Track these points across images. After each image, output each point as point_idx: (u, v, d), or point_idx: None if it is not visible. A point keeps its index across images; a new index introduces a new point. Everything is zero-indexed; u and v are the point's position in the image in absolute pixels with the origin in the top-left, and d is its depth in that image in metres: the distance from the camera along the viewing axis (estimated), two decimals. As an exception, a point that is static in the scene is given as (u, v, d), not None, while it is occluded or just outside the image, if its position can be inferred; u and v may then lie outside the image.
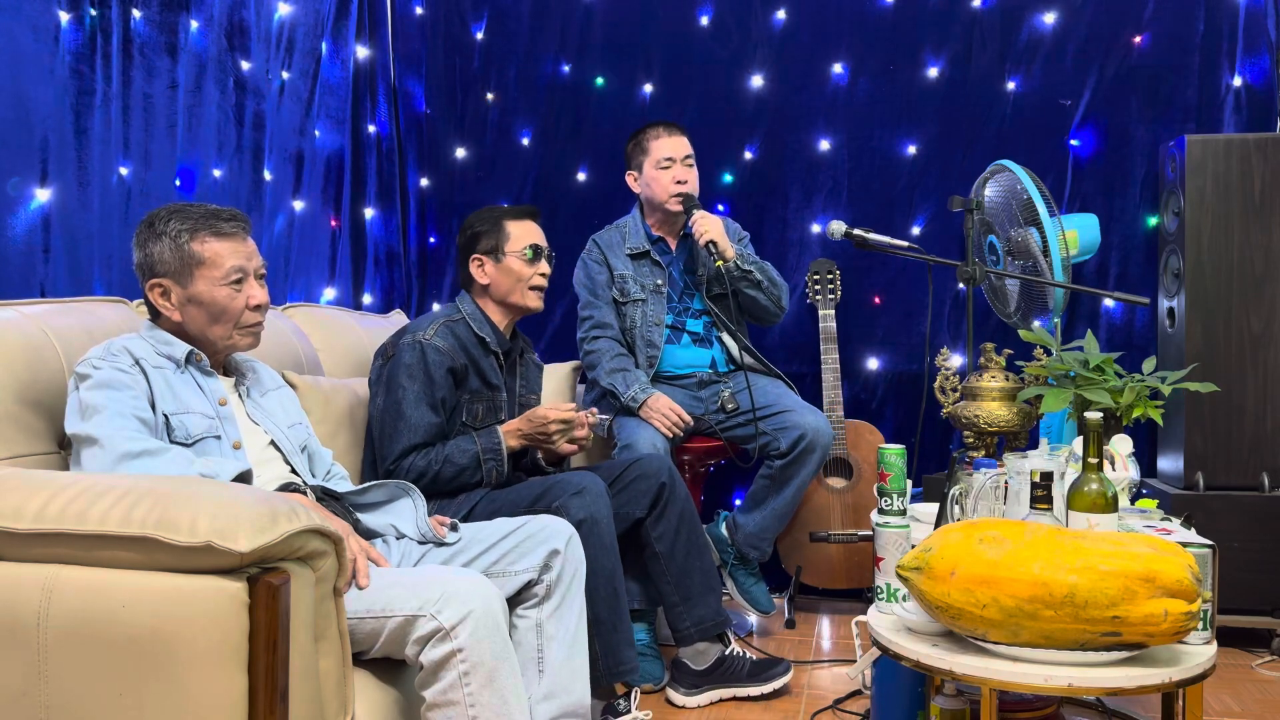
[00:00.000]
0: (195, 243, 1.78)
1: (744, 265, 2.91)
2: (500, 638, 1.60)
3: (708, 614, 2.46)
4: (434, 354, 2.27)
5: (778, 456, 2.84)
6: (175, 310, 1.80)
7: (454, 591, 1.58)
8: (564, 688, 1.91)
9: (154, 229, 1.79)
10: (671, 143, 2.96)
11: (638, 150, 3.01)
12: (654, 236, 3.04)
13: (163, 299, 1.80)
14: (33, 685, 1.28)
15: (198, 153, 2.83)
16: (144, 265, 1.80)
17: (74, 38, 2.44)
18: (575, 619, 1.96)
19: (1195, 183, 2.93)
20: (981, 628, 1.56)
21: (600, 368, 2.89)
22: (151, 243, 1.79)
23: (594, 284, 3.00)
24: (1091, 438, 1.77)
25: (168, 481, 1.37)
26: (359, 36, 3.59)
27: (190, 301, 1.79)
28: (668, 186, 2.95)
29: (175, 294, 1.80)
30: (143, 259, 1.80)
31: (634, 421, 2.79)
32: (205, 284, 1.79)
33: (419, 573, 1.68)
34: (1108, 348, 3.33)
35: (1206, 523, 2.81)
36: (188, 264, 1.78)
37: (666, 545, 2.43)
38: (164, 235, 1.78)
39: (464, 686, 1.56)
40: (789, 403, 2.88)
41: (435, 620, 1.55)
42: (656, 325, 2.97)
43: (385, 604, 1.60)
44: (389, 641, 1.60)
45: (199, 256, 1.78)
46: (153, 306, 1.83)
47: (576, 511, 2.12)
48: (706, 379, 3.01)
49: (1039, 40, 3.40)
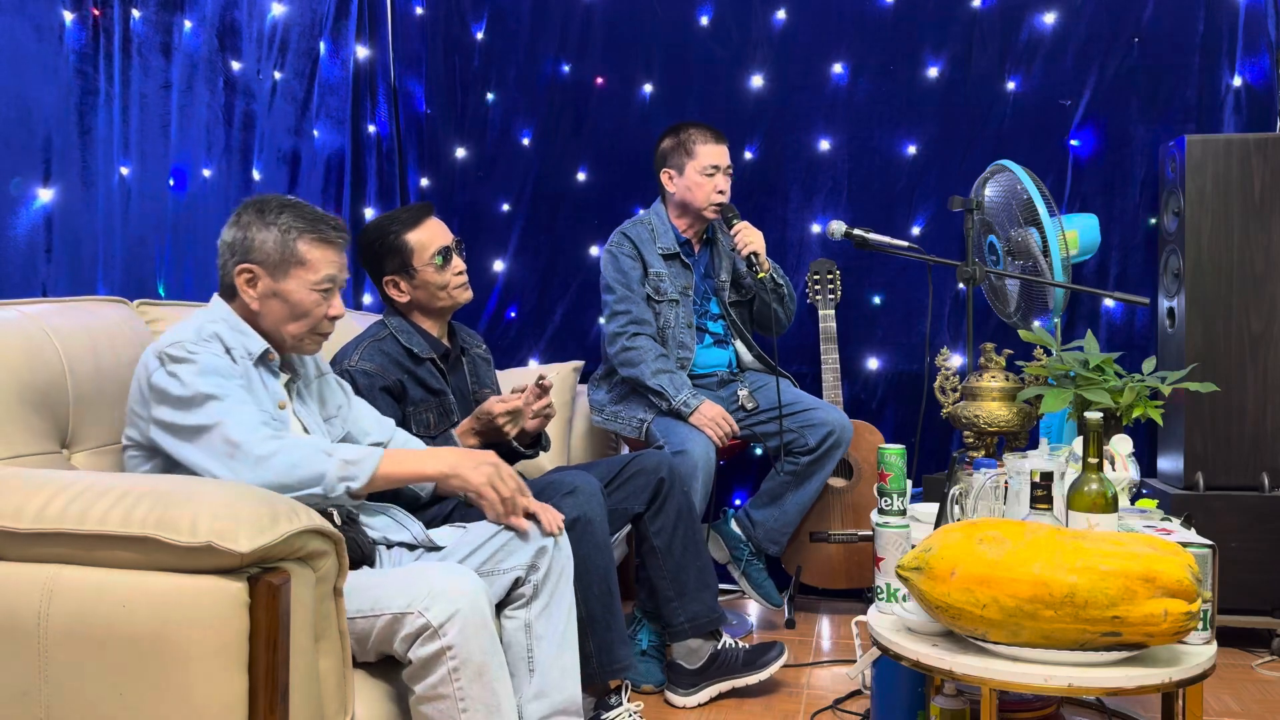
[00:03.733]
0: (301, 242, 1.80)
1: (778, 278, 3.01)
2: (488, 633, 1.61)
3: (702, 610, 2.46)
4: (364, 378, 2.24)
5: (804, 453, 2.92)
6: (256, 299, 1.81)
7: (441, 589, 1.59)
8: (555, 686, 1.90)
9: (264, 217, 1.80)
10: (718, 151, 2.97)
11: (680, 150, 2.99)
12: (682, 238, 3.04)
13: (248, 285, 1.80)
14: (33, 685, 1.28)
15: (188, 152, 2.83)
16: (239, 246, 1.80)
17: (77, 37, 2.44)
18: (565, 617, 1.96)
19: (1195, 183, 2.93)
20: (981, 628, 1.56)
21: (644, 366, 2.87)
22: (257, 228, 1.79)
23: (628, 278, 2.96)
24: (1091, 438, 1.77)
25: (168, 481, 1.37)
26: (359, 36, 3.59)
27: (275, 295, 1.80)
28: (710, 195, 2.96)
29: (262, 284, 1.80)
30: (240, 240, 1.80)
31: (685, 427, 2.81)
32: (297, 284, 1.80)
33: (406, 570, 1.69)
34: (1108, 348, 3.33)
35: (1206, 523, 2.81)
36: (287, 260, 1.79)
37: (664, 541, 2.43)
38: (273, 226, 1.79)
39: (454, 681, 1.57)
40: (810, 400, 2.97)
41: (423, 617, 1.56)
42: (688, 327, 3.00)
43: (374, 603, 1.60)
44: (380, 640, 1.61)
45: (301, 257, 1.80)
46: (229, 286, 1.83)
47: (569, 511, 2.11)
48: (726, 378, 3.08)
49: (1039, 40, 3.40)
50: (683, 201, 3.01)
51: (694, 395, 2.84)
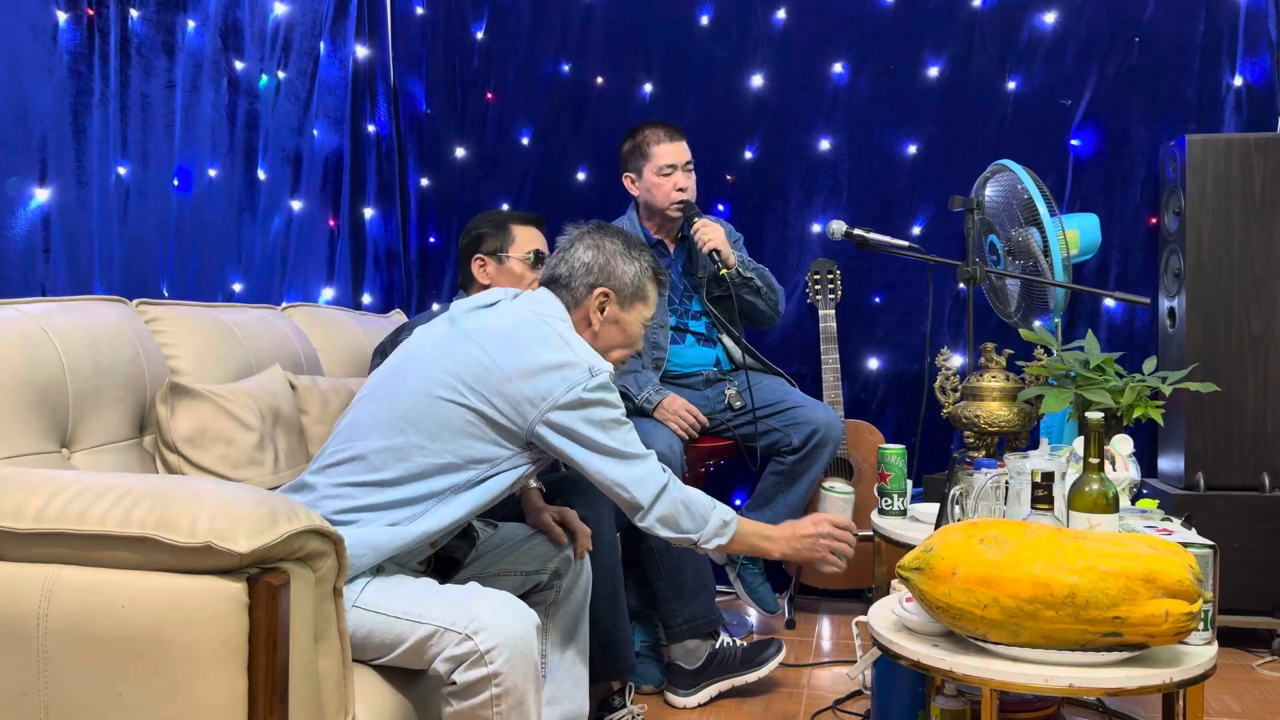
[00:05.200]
0: (650, 283, 1.95)
1: (745, 273, 2.91)
2: (532, 664, 1.59)
3: (699, 611, 2.46)
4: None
5: (790, 452, 2.85)
6: (600, 321, 1.90)
7: (491, 615, 1.57)
8: (566, 695, 1.94)
9: (630, 252, 1.92)
10: (673, 149, 2.92)
11: (636, 154, 2.96)
12: (653, 239, 3.03)
13: (598, 309, 1.90)
14: (33, 685, 1.28)
15: (193, 152, 2.83)
16: (603, 271, 1.90)
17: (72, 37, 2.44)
18: (580, 626, 1.98)
19: (1196, 182, 2.93)
20: (982, 628, 1.56)
21: None
22: (623, 261, 1.91)
23: None
24: (1092, 438, 1.77)
25: (167, 481, 1.37)
26: (358, 36, 3.58)
27: (616, 323, 1.92)
28: (669, 194, 2.91)
29: (610, 310, 1.91)
30: (605, 265, 1.90)
31: (649, 423, 2.78)
32: (636, 317, 1.94)
33: (458, 589, 1.67)
34: (1108, 348, 3.33)
35: (1207, 523, 2.81)
36: (637, 295, 1.93)
37: (661, 542, 2.42)
38: (637, 261, 1.92)
39: (494, 707, 1.56)
40: (797, 399, 2.90)
41: (471, 641, 1.54)
42: (661, 327, 2.96)
43: (420, 611, 1.59)
44: (411, 651, 1.59)
45: (646, 295, 1.94)
46: (575, 299, 1.90)
47: (579, 510, 2.12)
48: (712, 377, 3.02)
49: (1039, 40, 3.40)
50: (646, 204, 2.98)
51: (657, 391, 2.80)
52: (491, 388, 1.70)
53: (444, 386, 1.71)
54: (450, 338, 1.77)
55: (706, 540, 1.82)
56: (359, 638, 1.60)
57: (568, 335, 1.78)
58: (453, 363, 1.72)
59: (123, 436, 1.86)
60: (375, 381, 1.81)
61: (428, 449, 1.69)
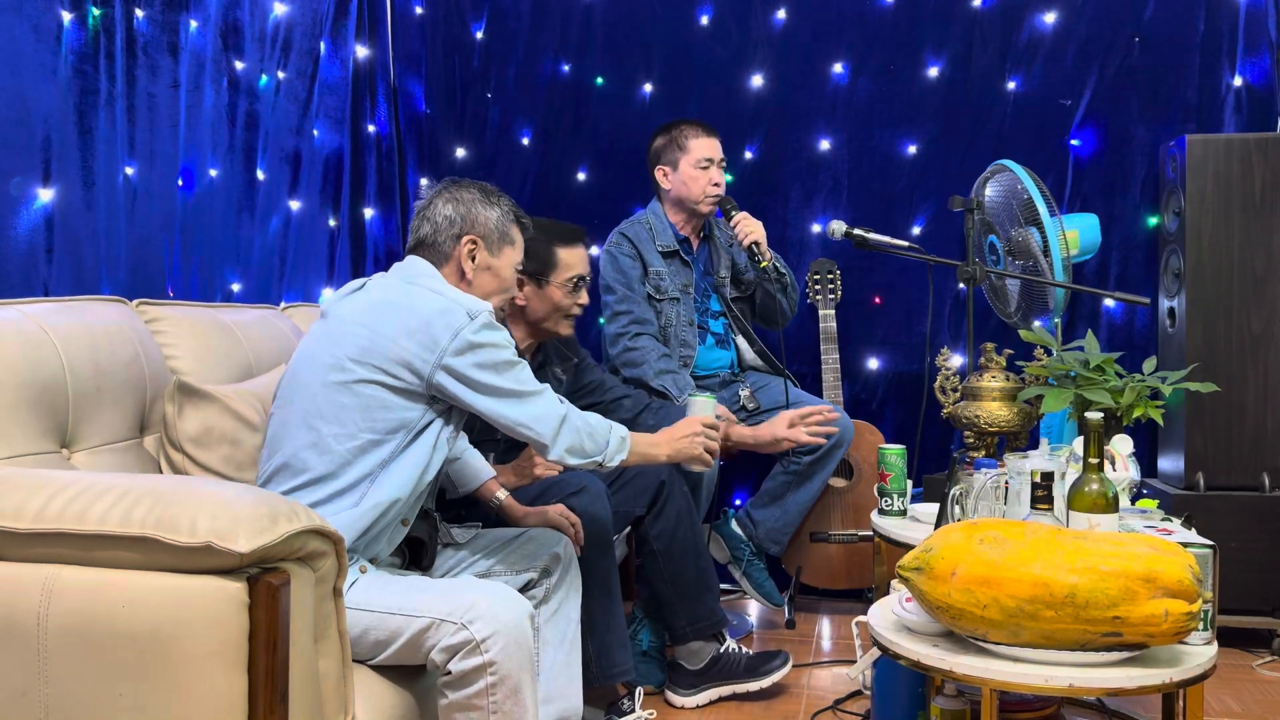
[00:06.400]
0: (513, 225, 1.99)
1: (780, 268, 2.99)
2: (527, 652, 1.61)
3: (703, 613, 2.46)
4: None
5: (806, 453, 2.91)
6: (472, 270, 1.93)
7: (486, 605, 1.59)
8: (560, 693, 1.94)
9: (489, 199, 1.95)
10: (711, 144, 2.98)
11: (673, 146, 3.00)
12: (680, 235, 3.04)
13: (469, 258, 1.93)
14: (33, 685, 1.28)
15: (196, 152, 2.83)
16: (465, 220, 1.92)
17: (76, 37, 2.44)
18: (572, 624, 1.98)
19: (1196, 183, 2.93)
20: (982, 628, 1.56)
21: (647, 366, 2.86)
22: (483, 207, 1.93)
23: (628, 278, 2.95)
24: (1092, 438, 1.77)
25: (167, 481, 1.37)
26: (358, 36, 3.58)
27: (489, 269, 1.95)
28: (705, 188, 2.96)
29: (481, 257, 1.93)
30: (466, 214, 1.92)
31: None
32: (506, 261, 1.96)
33: (451, 581, 1.70)
34: (1108, 348, 3.33)
35: (1207, 523, 2.81)
36: (504, 239, 1.95)
37: (664, 544, 2.43)
38: (497, 206, 1.95)
39: (489, 695, 1.57)
40: (812, 401, 2.96)
41: (467, 630, 1.57)
42: (689, 325, 2.99)
43: (415, 605, 1.61)
44: (408, 645, 1.61)
45: (512, 238, 1.98)
46: (444, 255, 1.92)
47: (576, 510, 2.12)
48: (727, 379, 3.07)
49: (1039, 40, 3.40)
50: (679, 197, 3.00)
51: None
52: (380, 355, 1.72)
53: (336, 370, 1.73)
54: (329, 326, 1.80)
55: (610, 459, 1.87)
56: (353, 637, 1.61)
57: (440, 288, 1.81)
58: (336, 346, 1.74)
59: (123, 437, 1.86)
60: (279, 391, 1.84)
61: (341, 434, 1.71)
